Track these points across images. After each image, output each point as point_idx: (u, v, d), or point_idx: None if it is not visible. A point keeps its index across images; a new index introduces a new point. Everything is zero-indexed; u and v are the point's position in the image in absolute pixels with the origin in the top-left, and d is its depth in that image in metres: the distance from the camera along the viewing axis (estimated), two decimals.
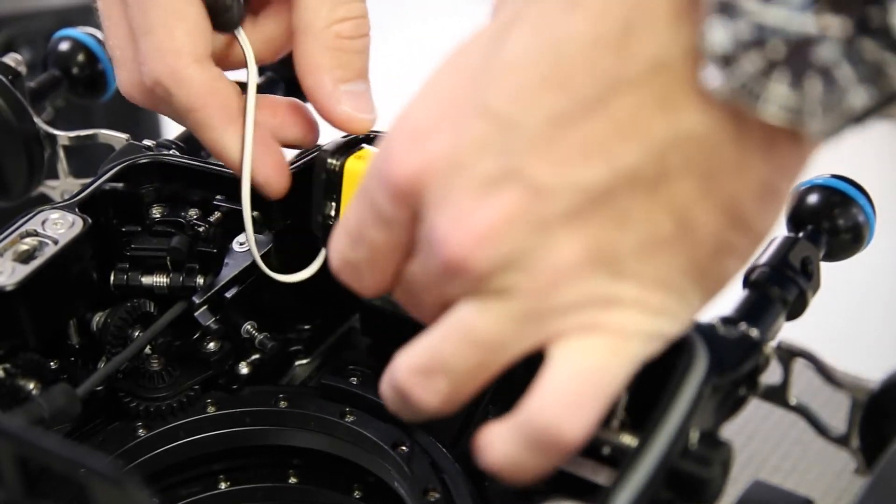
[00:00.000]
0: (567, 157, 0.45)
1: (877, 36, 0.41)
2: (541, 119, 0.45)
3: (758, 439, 0.78)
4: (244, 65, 0.63)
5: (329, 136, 0.64)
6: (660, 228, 0.46)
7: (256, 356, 0.65)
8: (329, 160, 0.61)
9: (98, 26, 0.73)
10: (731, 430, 0.53)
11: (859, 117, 0.43)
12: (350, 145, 0.62)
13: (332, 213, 0.62)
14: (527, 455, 0.48)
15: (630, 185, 0.45)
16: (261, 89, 0.63)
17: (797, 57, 0.42)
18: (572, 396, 0.46)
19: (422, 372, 0.49)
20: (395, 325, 0.65)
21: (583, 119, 0.45)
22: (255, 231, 0.65)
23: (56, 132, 0.72)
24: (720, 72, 0.43)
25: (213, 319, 0.63)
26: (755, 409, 0.56)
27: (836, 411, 0.57)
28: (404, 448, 0.61)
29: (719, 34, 0.43)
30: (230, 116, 0.60)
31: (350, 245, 0.51)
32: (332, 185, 0.61)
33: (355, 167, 0.60)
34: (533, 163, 0.45)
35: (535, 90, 0.45)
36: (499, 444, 0.48)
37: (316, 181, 0.61)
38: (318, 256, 0.63)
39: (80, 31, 0.75)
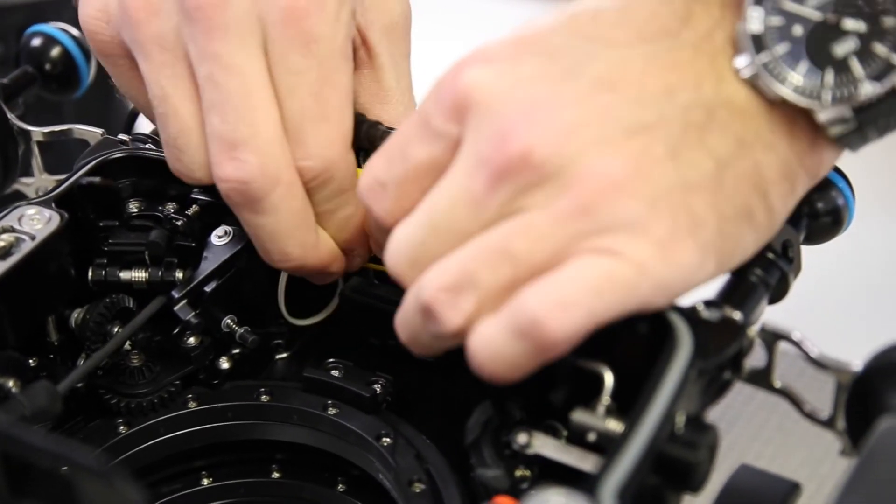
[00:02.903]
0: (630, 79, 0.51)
1: (886, 39, 0.51)
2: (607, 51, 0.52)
3: (739, 425, 0.78)
4: None
5: None
6: (700, 170, 0.51)
7: (237, 350, 0.65)
8: None
9: (72, 22, 0.72)
10: (712, 417, 0.54)
11: (863, 108, 0.51)
12: None
13: None
14: (509, 342, 0.50)
15: (683, 122, 0.51)
16: None
17: (818, 48, 0.51)
18: (564, 297, 0.49)
19: (451, 288, 0.51)
20: (374, 317, 0.65)
21: (642, 57, 0.52)
22: (233, 223, 0.64)
23: (30, 128, 0.71)
24: (751, 54, 0.51)
25: (193, 314, 0.62)
26: (736, 395, 0.56)
27: (818, 393, 0.57)
28: (388, 440, 0.60)
29: (755, 21, 0.52)
30: None
31: (386, 165, 0.54)
32: None
33: None
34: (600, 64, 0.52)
35: (622, 32, 0.52)
36: (485, 329, 0.51)
37: None
38: (335, 297, 0.67)
39: (53, 27, 0.74)
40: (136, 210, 0.64)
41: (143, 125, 0.98)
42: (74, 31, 0.74)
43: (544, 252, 0.50)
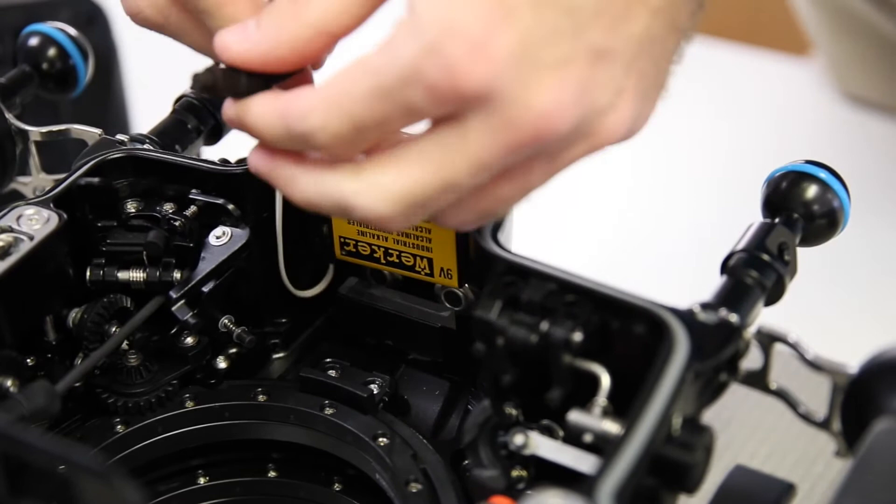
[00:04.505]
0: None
1: None
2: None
3: (734, 426, 0.79)
4: None
5: None
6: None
7: (234, 350, 0.65)
8: None
9: (69, 21, 0.72)
10: (706, 417, 0.54)
11: None
12: None
13: (326, 230, 0.64)
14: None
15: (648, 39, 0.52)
16: None
17: None
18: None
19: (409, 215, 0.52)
20: (371, 316, 0.66)
21: None
22: (231, 224, 0.65)
23: (28, 128, 0.71)
24: None
25: (191, 314, 0.62)
26: (731, 395, 0.56)
27: (813, 395, 0.57)
28: (385, 440, 0.61)
29: None
30: (258, 7, 0.59)
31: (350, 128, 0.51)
32: None
33: None
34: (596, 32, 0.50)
35: None
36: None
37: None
38: (328, 273, 0.67)
39: (50, 26, 0.74)
40: (134, 210, 0.64)
41: (138, 125, 0.99)
42: (72, 31, 0.74)
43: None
